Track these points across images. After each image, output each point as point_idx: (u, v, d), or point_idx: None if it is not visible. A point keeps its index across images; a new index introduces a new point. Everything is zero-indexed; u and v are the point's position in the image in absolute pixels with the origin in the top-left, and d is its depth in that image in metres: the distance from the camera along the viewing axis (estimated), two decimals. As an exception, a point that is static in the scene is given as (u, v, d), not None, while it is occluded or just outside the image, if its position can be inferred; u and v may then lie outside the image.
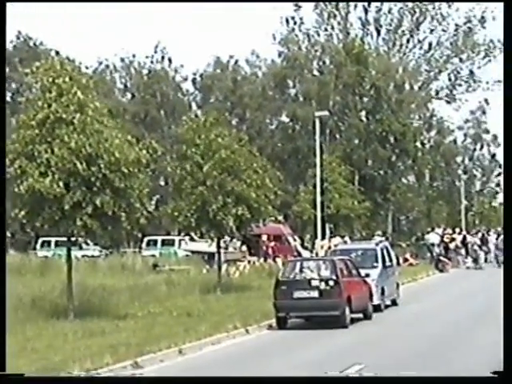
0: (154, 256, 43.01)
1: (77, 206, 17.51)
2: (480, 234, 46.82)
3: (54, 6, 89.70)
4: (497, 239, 44.76)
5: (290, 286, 19.12)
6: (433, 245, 42.19)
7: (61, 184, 17.32)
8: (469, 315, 21.00)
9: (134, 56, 70.02)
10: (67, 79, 17.97)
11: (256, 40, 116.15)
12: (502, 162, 72.28)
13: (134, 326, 17.64)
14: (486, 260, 43.82)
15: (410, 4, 60.49)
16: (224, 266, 29.35)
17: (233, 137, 25.85)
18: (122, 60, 69.91)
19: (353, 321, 19.25)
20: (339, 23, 61.11)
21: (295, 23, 60.79)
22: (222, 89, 69.00)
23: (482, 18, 60.71)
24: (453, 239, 44.28)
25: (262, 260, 37.04)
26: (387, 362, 13.18)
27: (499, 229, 49.92)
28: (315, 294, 18.96)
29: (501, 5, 58.45)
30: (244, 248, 37.66)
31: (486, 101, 67.96)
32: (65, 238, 18.99)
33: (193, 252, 37.69)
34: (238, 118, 69.39)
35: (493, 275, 35.74)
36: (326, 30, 61.10)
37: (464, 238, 45.40)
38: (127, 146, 17.94)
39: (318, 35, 61.21)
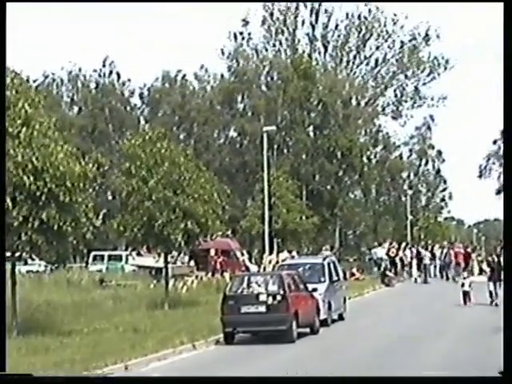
0: (100, 271, 42.45)
1: (22, 221, 17.29)
2: (430, 248, 47.07)
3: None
4: (441, 253, 45.29)
5: (237, 301, 19.10)
6: (380, 259, 42.43)
7: (8, 198, 17.09)
8: (414, 328, 21.04)
9: (80, 70, 69.57)
10: (14, 92, 17.76)
11: (204, 55, 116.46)
12: (446, 177, 73.37)
13: (79, 342, 17.42)
14: (434, 274, 44.34)
15: (357, 21, 61.24)
16: (171, 281, 29.18)
17: (179, 151, 25.72)
18: (70, 73, 69.37)
19: (300, 335, 19.21)
20: (287, 39, 61.66)
21: (243, 38, 61.17)
22: (170, 103, 68.88)
23: (427, 35, 61.74)
24: (397, 254, 44.59)
25: (209, 275, 36.84)
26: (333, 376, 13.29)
27: (444, 243, 50.42)
28: (263, 308, 18.95)
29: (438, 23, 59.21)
30: (192, 263, 37.64)
31: (431, 117, 69.01)
32: (9, 253, 18.68)
33: (140, 267, 37.45)
34: (185, 133, 69.28)
35: (438, 288, 36.32)
36: (274, 45, 61.61)
37: (418, 252, 45.75)
38: (73, 160, 17.77)
39: (266, 51, 61.69)
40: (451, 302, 27.65)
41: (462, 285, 27.45)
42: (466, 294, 26.95)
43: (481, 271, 30.74)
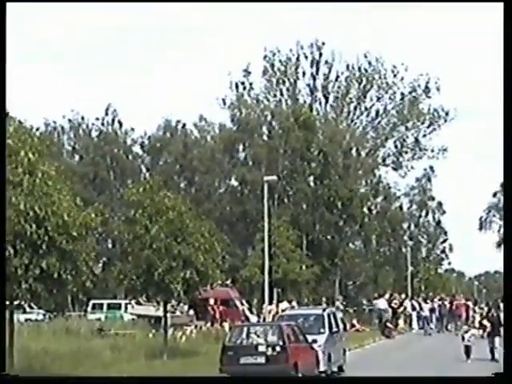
0: (99, 320, 42.19)
1: (23, 269, 17.23)
2: (430, 300, 46.79)
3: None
4: (442, 305, 45.06)
5: (236, 352, 18.95)
6: (381, 310, 42.06)
7: (9, 246, 17.05)
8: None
9: (82, 118, 70.10)
10: (16, 140, 17.83)
11: (204, 104, 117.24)
12: (446, 229, 73.32)
13: (77, 392, 17.18)
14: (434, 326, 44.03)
15: (357, 72, 61.78)
16: (171, 331, 28.96)
17: (180, 200, 25.79)
18: (70, 121, 69.85)
19: None
20: (288, 89, 62.19)
21: (244, 88, 61.68)
22: (171, 152, 69.23)
23: (427, 87, 62.26)
24: (401, 305, 44.75)
25: (209, 324, 36.75)
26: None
27: (443, 295, 50.34)
28: (262, 359, 18.82)
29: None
30: (191, 312, 37.46)
31: (431, 168, 69.24)
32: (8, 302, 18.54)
33: (139, 316, 37.21)
34: (186, 181, 69.51)
35: (438, 341, 36.02)
36: (274, 95, 62.12)
37: (418, 304, 45.43)
38: (75, 209, 17.77)
39: (268, 101, 62.14)
40: (452, 355, 27.36)
41: (463, 338, 27.11)
42: (467, 349, 26.66)
43: (481, 325, 30.61)
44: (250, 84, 61.78)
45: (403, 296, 48.98)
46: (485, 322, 28.39)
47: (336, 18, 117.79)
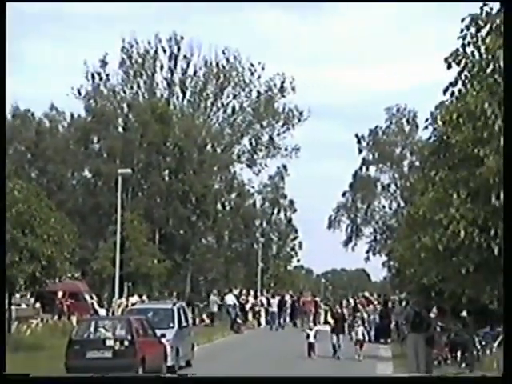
0: None
1: None
2: (279, 296, 47.18)
3: None
4: (287, 302, 45.80)
5: (83, 346, 18.73)
6: (230, 306, 42.15)
7: None
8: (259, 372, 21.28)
9: None
10: None
11: (56, 94, 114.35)
12: (297, 227, 74.85)
13: None
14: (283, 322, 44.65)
15: (215, 69, 62.04)
16: (15, 324, 28.13)
17: (31, 190, 25.06)
18: None
19: None
20: (145, 82, 61.64)
21: (101, 79, 60.72)
22: (23, 140, 67.01)
23: (282, 87, 63.28)
24: (247, 301, 45.25)
25: (56, 317, 35.96)
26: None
27: (290, 292, 51.73)
28: (109, 354, 18.65)
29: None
30: (37, 305, 36.51)
31: (284, 167, 70.33)
32: None
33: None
34: (38, 171, 67.47)
35: (286, 337, 36.51)
36: (131, 88, 61.42)
37: (267, 300, 45.87)
38: None
39: (124, 93, 61.37)
40: (296, 352, 27.47)
41: (307, 336, 26.99)
42: (310, 346, 26.70)
43: (326, 322, 31.42)
44: (107, 75, 60.89)
45: (252, 292, 49.23)
46: (329, 318, 28.82)
47: (196, 12, 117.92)
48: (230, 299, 42.44)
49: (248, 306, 44.57)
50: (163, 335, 21.18)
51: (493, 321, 22.80)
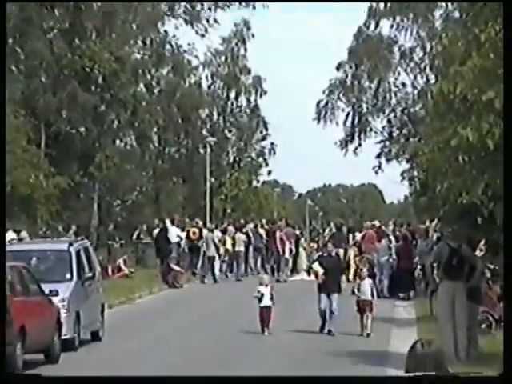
0: None
1: None
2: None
3: None
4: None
5: None
6: (174, 244, 33.17)
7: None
8: (201, 355, 16.92)
9: None
10: None
11: None
12: (267, 119, 57.67)
13: None
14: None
15: None
16: None
17: None
18: None
19: (27, 365, 15.45)
20: None
21: None
22: None
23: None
24: (201, 236, 35.75)
25: None
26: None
27: (263, 221, 40.80)
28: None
29: None
30: None
31: (245, 23, 51.63)
32: None
33: None
34: None
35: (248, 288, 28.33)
36: None
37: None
38: None
39: None
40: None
41: (260, 298, 20.65)
42: (263, 315, 20.87)
43: (310, 269, 26.13)
44: None
45: (200, 222, 36.70)
46: (316, 265, 22.24)
47: None
48: (174, 233, 33.81)
49: (201, 243, 34.72)
50: (54, 292, 17.61)
51: None
